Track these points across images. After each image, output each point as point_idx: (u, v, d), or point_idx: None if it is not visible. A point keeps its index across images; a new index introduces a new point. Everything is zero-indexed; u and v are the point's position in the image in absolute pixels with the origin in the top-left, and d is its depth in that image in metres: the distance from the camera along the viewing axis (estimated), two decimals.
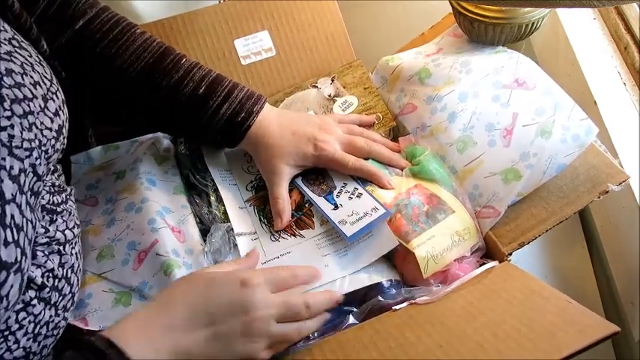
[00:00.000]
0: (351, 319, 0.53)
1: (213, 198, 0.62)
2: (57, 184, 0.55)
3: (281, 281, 0.51)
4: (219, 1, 0.80)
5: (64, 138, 0.50)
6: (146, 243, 0.57)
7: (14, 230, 0.39)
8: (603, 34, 0.76)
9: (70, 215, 0.54)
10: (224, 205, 0.62)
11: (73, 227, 0.54)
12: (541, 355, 0.41)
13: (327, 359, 0.48)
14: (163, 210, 0.60)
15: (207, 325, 0.45)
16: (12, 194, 0.40)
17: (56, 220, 0.51)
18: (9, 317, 0.44)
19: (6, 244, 0.38)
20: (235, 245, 0.59)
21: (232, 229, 0.60)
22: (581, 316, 0.45)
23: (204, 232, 0.60)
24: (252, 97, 0.62)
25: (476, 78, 0.64)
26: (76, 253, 0.53)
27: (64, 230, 0.52)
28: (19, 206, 0.40)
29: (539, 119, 0.60)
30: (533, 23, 0.64)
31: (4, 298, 0.38)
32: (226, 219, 0.61)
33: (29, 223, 0.42)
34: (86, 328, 0.53)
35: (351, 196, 0.61)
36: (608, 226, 0.68)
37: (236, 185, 0.65)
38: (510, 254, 0.58)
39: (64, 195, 0.55)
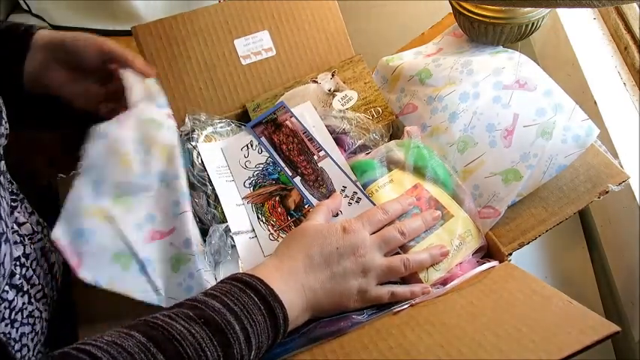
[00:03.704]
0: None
1: (212, 197, 0.62)
2: (7, 178, 0.56)
3: (376, 221, 0.56)
4: (219, 1, 0.80)
5: (5, 122, 0.51)
6: (165, 226, 0.56)
7: None
8: (603, 34, 0.76)
9: (25, 211, 0.55)
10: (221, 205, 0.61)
11: (32, 224, 0.55)
12: (542, 355, 0.41)
13: (328, 359, 0.48)
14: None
15: (324, 267, 0.52)
16: None
17: (12, 212, 0.53)
18: None
19: None
20: (234, 245, 0.59)
21: (230, 229, 0.59)
22: (581, 316, 0.45)
23: (204, 232, 0.60)
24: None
25: (477, 78, 0.64)
26: (39, 249, 0.55)
27: (22, 223, 0.54)
28: None
29: (540, 120, 0.60)
30: (533, 23, 0.64)
31: (1, 266, 0.40)
32: (224, 218, 0.61)
33: (3, 199, 0.44)
34: (78, 272, 0.51)
35: (350, 201, 0.61)
36: (608, 226, 0.68)
37: (233, 182, 0.65)
38: (510, 254, 0.58)
39: (15, 189, 0.56)
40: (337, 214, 0.60)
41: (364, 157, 0.64)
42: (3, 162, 0.47)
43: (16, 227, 0.53)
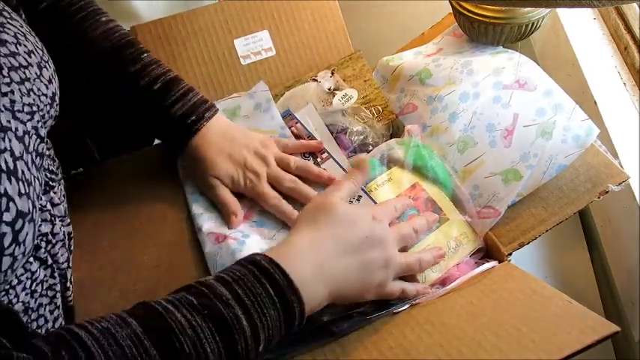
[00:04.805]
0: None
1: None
2: (50, 155, 0.58)
3: (391, 215, 0.55)
4: (219, 1, 0.80)
5: (57, 105, 0.52)
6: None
7: (25, 184, 0.42)
8: (603, 34, 0.76)
9: (61, 193, 0.57)
10: None
11: (64, 206, 0.57)
12: (542, 355, 0.41)
13: (327, 359, 0.48)
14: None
15: (352, 254, 0.49)
16: (20, 152, 0.42)
17: (49, 192, 0.54)
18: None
19: (20, 195, 0.40)
20: None
21: None
22: (581, 316, 0.45)
23: None
24: (206, 103, 0.63)
25: (477, 78, 0.64)
26: (67, 233, 0.56)
27: (56, 204, 0.55)
28: (26, 163, 0.43)
29: (540, 120, 0.59)
30: (533, 23, 0.64)
31: (22, 244, 0.41)
32: None
33: (36, 179, 0.44)
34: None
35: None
36: (608, 226, 0.68)
37: None
38: (510, 254, 0.58)
39: (55, 168, 0.57)
40: None
41: (364, 156, 0.64)
42: (44, 144, 0.48)
43: (49, 206, 0.54)
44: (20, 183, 0.41)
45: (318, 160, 0.65)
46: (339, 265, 0.48)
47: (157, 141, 0.84)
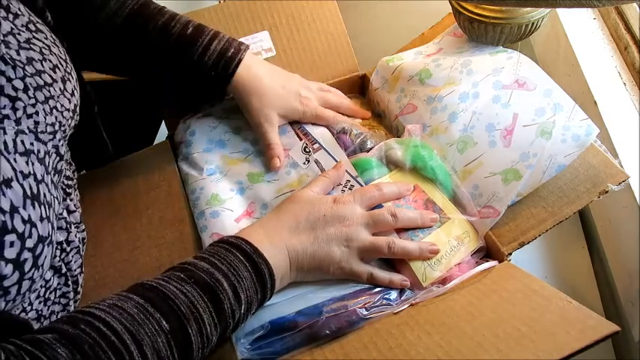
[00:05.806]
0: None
1: None
2: (67, 159, 0.58)
3: (368, 197, 0.57)
4: (219, 1, 0.80)
5: (77, 115, 0.52)
6: None
7: (46, 207, 0.42)
8: (603, 34, 0.76)
9: (77, 199, 0.57)
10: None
11: (79, 212, 0.57)
12: (541, 355, 0.41)
13: (327, 359, 0.48)
14: None
15: (308, 231, 0.54)
16: (41, 175, 0.43)
17: (65, 199, 0.55)
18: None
19: (42, 219, 0.41)
20: None
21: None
22: (581, 316, 0.45)
23: None
24: (237, 40, 0.65)
25: (476, 78, 0.64)
26: (80, 240, 0.56)
27: (72, 212, 0.55)
28: (47, 185, 0.43)
29: (540, 120, 0.60)
30: (533, 23, 0.64)
31: (41, 267, 0.42)
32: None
33: (55, 199, 0.45)
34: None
35: (344, 189, 0.61)
36: (608, 226, 0.68)
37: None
38: (510, 254, 0.58)
39: (71, 172, 0.58)
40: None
41: (364, 155, 0.64)
42: (63, 162, 0.48)
43: (65, 214, 0.54)
44: (42, 207, 0.41)
45: (310, 150, 0.65)
46: (296, 241, 0.53)
47: (157, 140, 0.85)
